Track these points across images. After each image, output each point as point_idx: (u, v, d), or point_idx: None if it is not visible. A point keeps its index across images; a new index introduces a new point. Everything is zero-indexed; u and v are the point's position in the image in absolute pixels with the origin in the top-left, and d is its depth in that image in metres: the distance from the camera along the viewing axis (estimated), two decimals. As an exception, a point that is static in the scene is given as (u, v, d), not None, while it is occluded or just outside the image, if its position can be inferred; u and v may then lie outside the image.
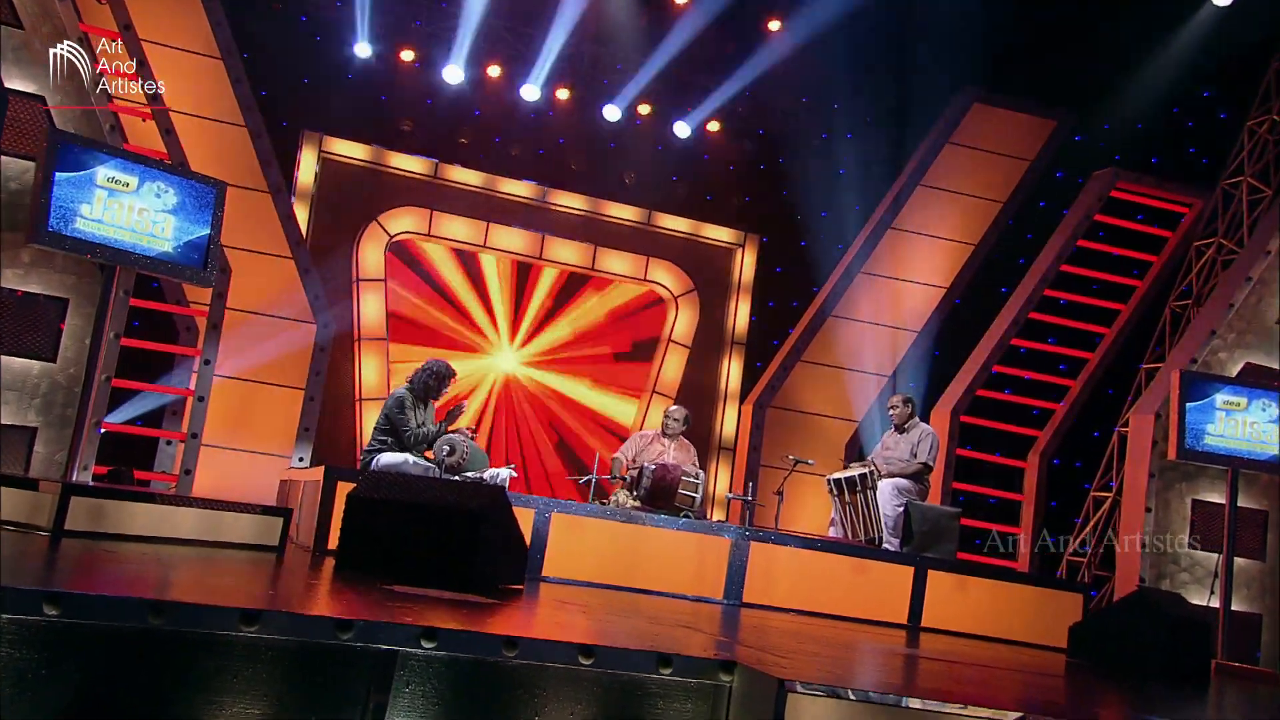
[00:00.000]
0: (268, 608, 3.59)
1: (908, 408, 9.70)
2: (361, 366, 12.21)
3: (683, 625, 5.42)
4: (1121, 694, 5.52)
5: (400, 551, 5.79)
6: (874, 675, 4.55)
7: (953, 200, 12.95)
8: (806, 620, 7.47)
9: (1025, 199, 13.16)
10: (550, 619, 4.86)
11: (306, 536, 7.14)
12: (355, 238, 12.42)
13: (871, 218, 13.16)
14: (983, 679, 5.05)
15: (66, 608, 3.26)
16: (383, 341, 12.30)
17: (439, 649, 3.69)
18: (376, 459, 7.71)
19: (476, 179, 12.95)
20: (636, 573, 7.71)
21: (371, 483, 6.07)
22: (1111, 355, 12.27)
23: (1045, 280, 12.18)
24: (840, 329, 12.75)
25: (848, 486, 9.19)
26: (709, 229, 13.75)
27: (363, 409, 12.14)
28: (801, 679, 3.78)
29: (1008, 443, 12.22)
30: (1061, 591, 8.77)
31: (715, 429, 13.54)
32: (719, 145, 13.93)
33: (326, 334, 10.84)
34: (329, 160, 12.47)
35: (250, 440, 10.47)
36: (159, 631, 3.37)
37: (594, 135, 13.48)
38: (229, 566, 5.32)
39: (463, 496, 5.87)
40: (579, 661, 3.84)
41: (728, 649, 4.53)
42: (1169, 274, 12.29)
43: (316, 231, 12.15)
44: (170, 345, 10.19)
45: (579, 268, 13.21)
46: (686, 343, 13.50)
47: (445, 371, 7.94)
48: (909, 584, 8.35)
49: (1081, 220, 12.28)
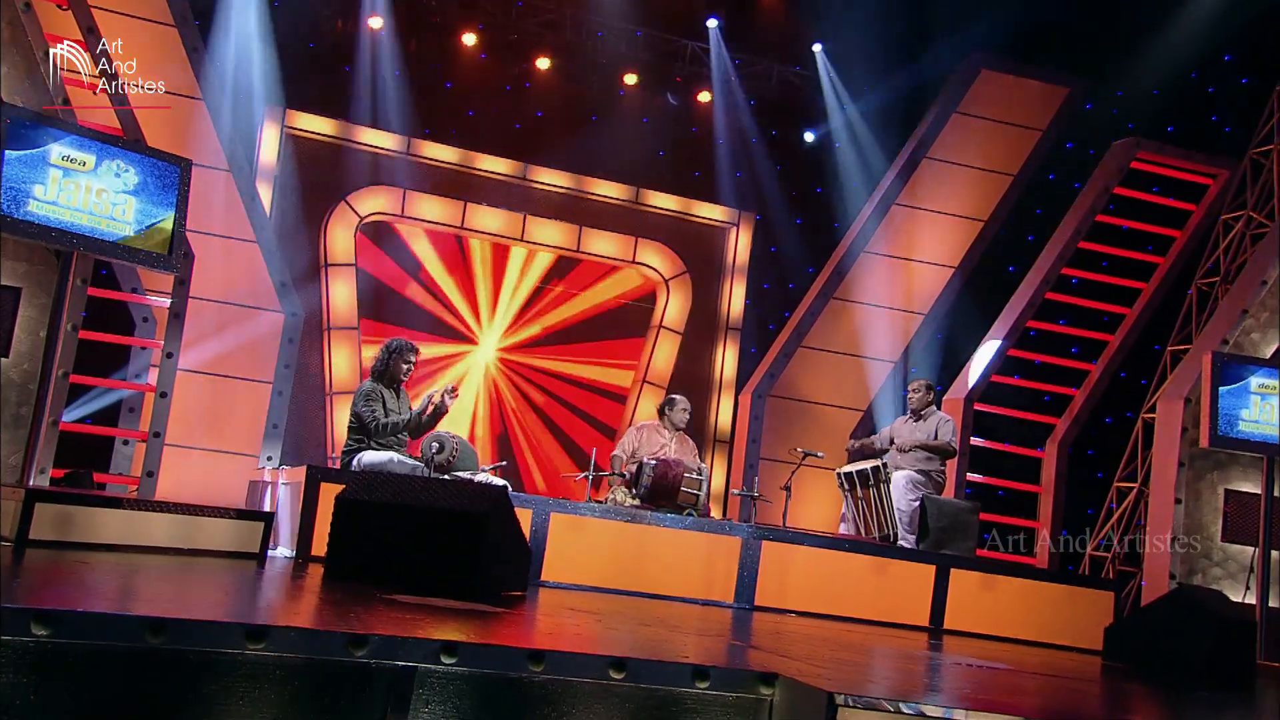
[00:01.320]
0: (275, 623, 3.49)
1: (929, 394, 9.68)
2: (331, 358, 12.07)
3: (706, 633, 5.35)
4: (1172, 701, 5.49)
5: (396, 558, 5.71)
6: (922, 685, 4.48)
7: (960, 174, 12.90)
8: (825, 624, 7.42)
9: (1036, 172, 13.14)
10: (568, 629, 4.78)
11: (288, 542, 7.02)
12: (322, 219, 12.27)
13: (874, 193, 13.10)
14: (1033, 687, 5.00)
15: (58, 627, 3.15)
16: (353, 331, 12.16)
17: (460, 664, 3.60)
18: (357, 458, 7.60)
19: (452, 155, 12.81)
20: (642, 576, 7.65)
21: (361, 484, 5.96)
22: (1133, 337, 12.26)
23: (1062, 259, 12.14)
24: (843, 312, 12.71)
25: (860, 481, 9.15)
26: (700, 207, 13.67)
27: (334, 404, 12.00)
28: (850, 690, 3.72)
29: (1024, 431, 12.20)
30: (1091, 590, 8.76)
31: (710, 420, 13.48)
32: (709, 117, 13.83)
33: (295, 323, 10.72)
34: (293, 136, 12.30)
35: (214, 439, 10.34)
36: (158, 651, 3.27)
37: (576, 107, 13.35)
38: (215, 577, 5.21)
39: (463, 498, 5.77)
40: (610, 676, 3.76)
41: (763, 659, 4.45)
42: (1193, 250, 12.29)
43: (281, 213, 11.99)
44: (128, 337, 10.02)
45: (563, 249, 13.11)
46: (678, 329, 13.42)
47: (403, 347, 7.83)
48: (930, 584, 8.33)
49: (1100, 194, 12.25)
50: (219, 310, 10.43)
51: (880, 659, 5.44)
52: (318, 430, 12.05)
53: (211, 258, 10.21)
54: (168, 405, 9.30)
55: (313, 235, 12.23)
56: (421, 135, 12.79)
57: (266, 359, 10.59)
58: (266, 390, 10.56)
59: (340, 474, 7.18)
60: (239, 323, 10.51)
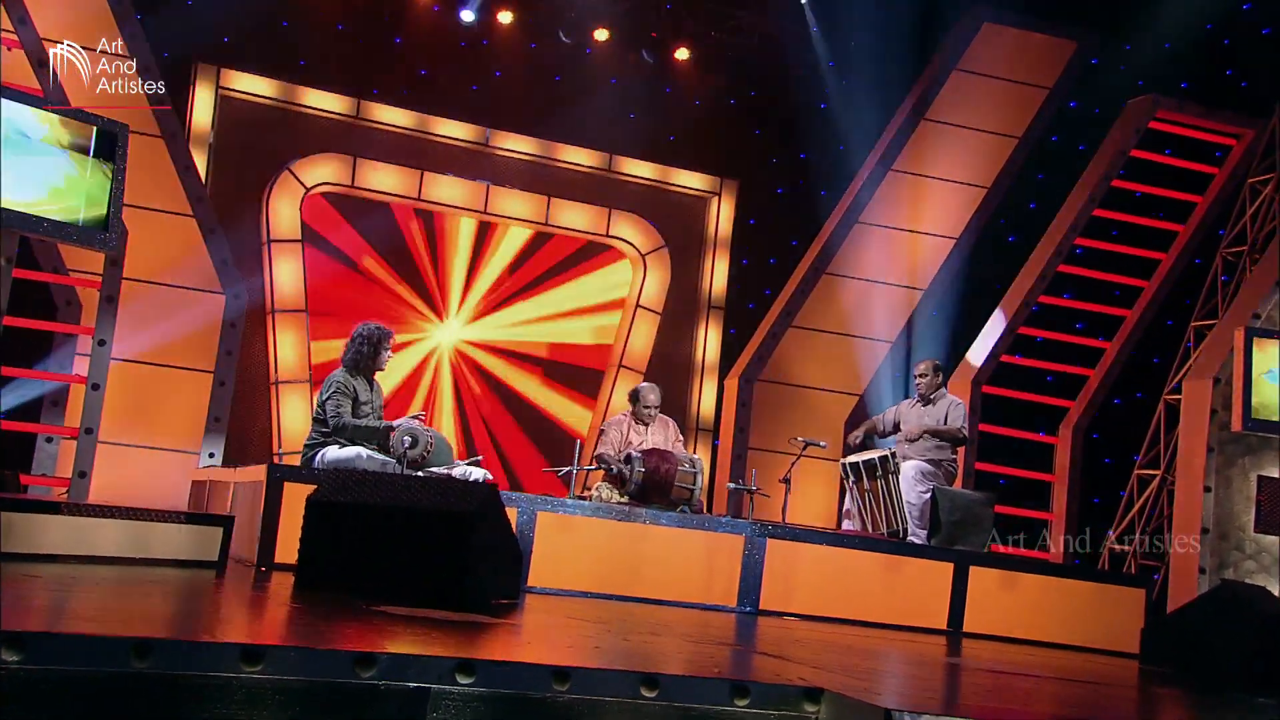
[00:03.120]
0: (270, 641, 3.38)
1: (938, 376, 9.64)
2: (277, 344, 11.90)
3: (723, 642, 5.29)
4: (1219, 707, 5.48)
5: (375, 565, 5.60)
6: (977, 698, 4.43)
7: (961, 137, 12.87)
8: (840, 630, 7.38)
9: (1043, 134, 13.13)
10: (585, 642, 4.69)
11: (246, 549, 6.88)
12: (264, 191, 12.08)
13: (869, 159, 13.06)
14: (1083, 698, 4.98)
15: (31, 652, 3.03)
16: (301, 314, 11.99)
17: (477, 685, 3.52)
18: (320, 455, 7.47)
19: (405, 119, 12.65)
20: (638, 579, 7.59)
21: (334, 483, 5.84)
22: (1152, 312, 12.31)
23: (1075, 228, 12.15)
24: (837, 288, 12.66)
25: (866, 471, 9.10)
26: (679, 175, 13.59)
27: (280, 394, 11.83)
28: (907, 706, 3.66)
29: (1035, 415, 12.22)
30: (1120, 587, 8.77)
31: (692, 407, 13.42)
32: (687, 77, 13.73)
33: (238, 306, 10.59)
34: (229, 98, 12.09)
35: (150, 434, 10.19)
36: (144, 676, 3.17)
37: (540, 66, 13.20)
38: (181, 591, 5.11)
39: (448, 497, 5.66)
40: (641, 694, 3.69)
41: (801, 671, 4.38)
42: (1216, 216, 12.34)
43: (217, 184, 11.80)
44: (53, 323, 9.81)
45: (530, 222, 12.99)
46: (656, 308, 13.34)
47: (377, 334, 7.72)
48: (948, 583, 8.30)
49: (1116, 157, 12.27)
50: (152, 292, 10.25)
51: (922, 668, 5.40)
52: (261, 423, 11.89)
53: (143, 234, 10.00)
54: (100, 398, 9.11)
55: (253, 208, 12.02)
56: (370, 97, 12.61)
57: (206, 346, 10.44)
58: (207, 380, 10.41)
59: (306, 473, 7.03)
60: (175, 306, 10.33)
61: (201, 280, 10.46)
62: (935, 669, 5.53)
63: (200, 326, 10.39)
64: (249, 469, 7.96)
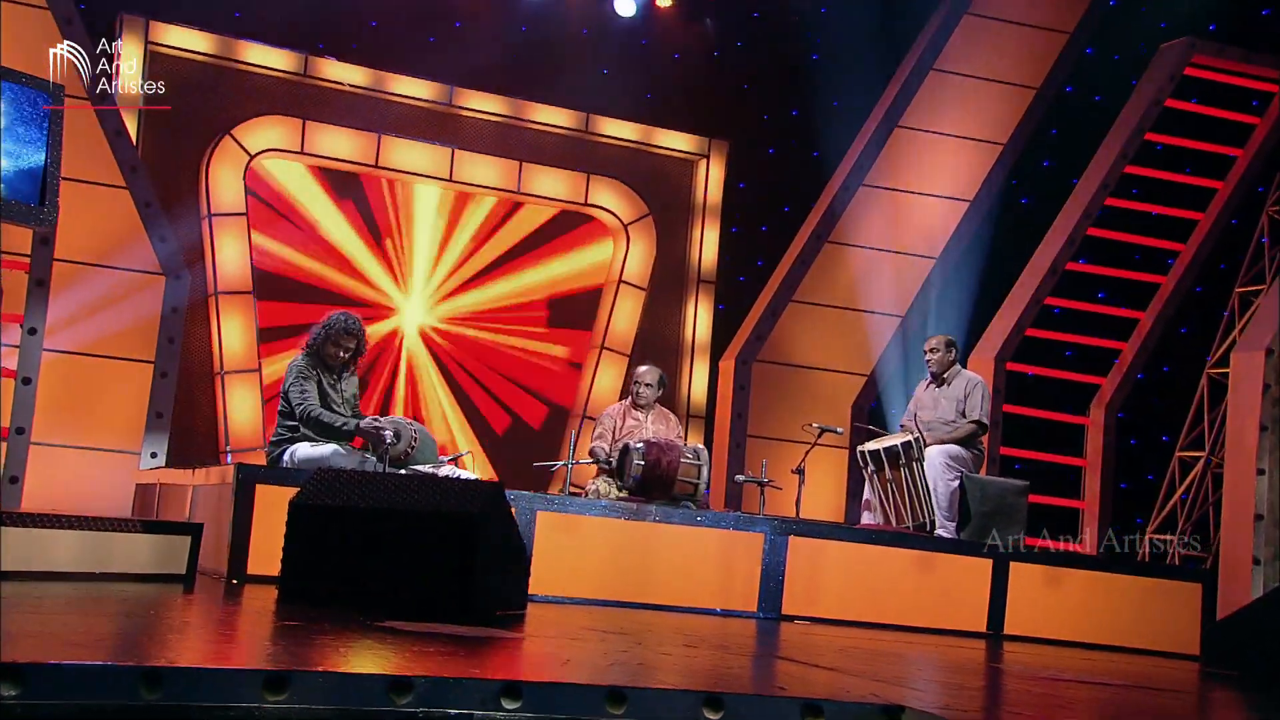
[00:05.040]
0: (294, 666, 3.27)
1: (950, 352, 9.55)
2: (222, 330, 11.69)
3: (768, 654, 5.22)
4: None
5: (370, 575, 5.53)
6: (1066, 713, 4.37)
7: (975, 89, 12.83)
8: (873, 635, 7.36)
9: (1063, 84, 13.10)
10: (629, 658, 4.59)
11: (213, 560, 6.75)
12: (203, 158, 11.84)
13: (872, 114, 12.98)
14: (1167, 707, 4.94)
15: (31, 685, 2.92)
16: (248, 296, 11.79)
17: (524, 710, 3.44)
18: (289, 453, 7.36)
19: (359, 77, 12.44)
20: (649, 584, 7.55)
21: (321, 485, 5.72)
22: (1190, 277, 12.32)
23: (1105, 187, 12.13)
24: (840, 258, 12.60)
25: (888, 459, 9.04)
26: (662, 135, 13.46)
27: (226, 386, 11.65)
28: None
29: (1062, 393, 12.20)
30: (1173, 582, 8.75)
31: (682, 392, 13.33)
32: (668, 27, 13.61)
33: (179, 288, 10.46)
34: (159, 55, 11.83)
35: (85, 434, 10.06)
36: (155, 709, 3.07)
37: (504, 15, 13.03)
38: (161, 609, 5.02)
39: (449, 498, 5.59)
40: (704, 715, 3.62)
41: (867, 686, 4.32)
42: (1259, 171, 12.34)
43: (148, 151, 11.56)
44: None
45: (500, 190, 12.83)
46: (641, 283, 13.22)
47: (343, 324, 7.65)
48: (986, 582, 8.29)
49: (1149, 107, 12.25)
50: (84, 274, 10.09)
51: (989, 679, 5.34)
52: (206, 418, 11.71)
53: (71, 209, 9.75)
54: (32, 393, 8.95)
55: (190, 179, 11.81)
56: (317, 52, 12.42)
57: (146, 333, 10.34)
58: (148, 372, 10.32)
59: (282, 473, 6.90)
60: (110, 289, 10.19)
61: (138, 260, 10.33)
62: (1005, 679, 5.48)
63: (138, 312, 10.27)
64: (211, 470, 7.82)
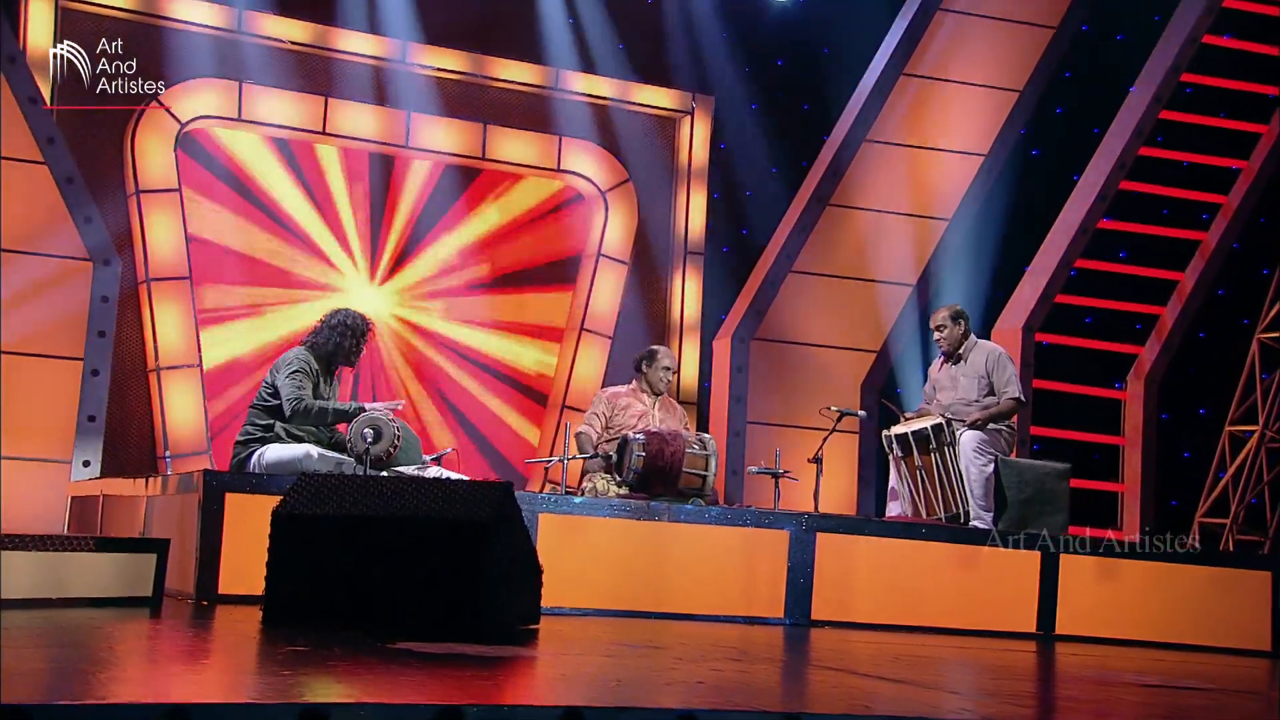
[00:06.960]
0: (329, 699, 3.17)
1: (958, 326, 9.43)
2: (155, 320, 11.54)
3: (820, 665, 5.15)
4: None
5: (368, 592, 5.45)
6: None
7: (988, 29, 12.77)
8: (919, 640, 7.35)
9: (1080, 22, 13.06)
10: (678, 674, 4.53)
11: (178, 579, 6.62)
12: (127, 128, 11.67)
13: (874, 61, 12.91)
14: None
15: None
16: (184, 282, 11.64)
17: (588, 740, 3.35)
18: (258, 455, 7.24)
19: (302, 33, 12.27)
20: (666, 591, 7.50)
21: (307, 492, 5.60)
22: (1233, 234, 12.33)
23: (1139, 135, 12.12)
24: (844, 222, 12.54)
25: (917, 444, 9.01)
26: (641, 91, 13.36)
27: (163, 383, 11.49)
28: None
29: (1096, 365, 12.21)
30: (1239, 570, 8.75)
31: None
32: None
33: (109, 275, 10.41)
34: (71, 10, 11.63)
35: (8, 442, 9.96)
36: (182, 753, 2.94)
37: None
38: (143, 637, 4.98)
39: (453, 503, 5.50)
40: (790, 738, 3.56)
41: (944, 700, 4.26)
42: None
43: (63, 122, 11.36)
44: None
45: (463, 157, 12.73)
46: (623, 256, 13.15)
47: (364, 325, 7.70)
48: (1035, 577, 8.25)
49: (1185, 45, 12.24)
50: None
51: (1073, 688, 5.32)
52: (140, 421, 11.57)
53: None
54: (-48, 398, 8.81)
55: (114, 151, 11.64)
56: (253, 5, 12.23)
57: (73, 327, 10.31)
58: (76, 370, 10.27)
59: (255, 480, 6.79)
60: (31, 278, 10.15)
61: (62, 245, 10.29)
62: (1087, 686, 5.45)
63: (65, 303, 10.25)
64: (169, 478, 7.72)
